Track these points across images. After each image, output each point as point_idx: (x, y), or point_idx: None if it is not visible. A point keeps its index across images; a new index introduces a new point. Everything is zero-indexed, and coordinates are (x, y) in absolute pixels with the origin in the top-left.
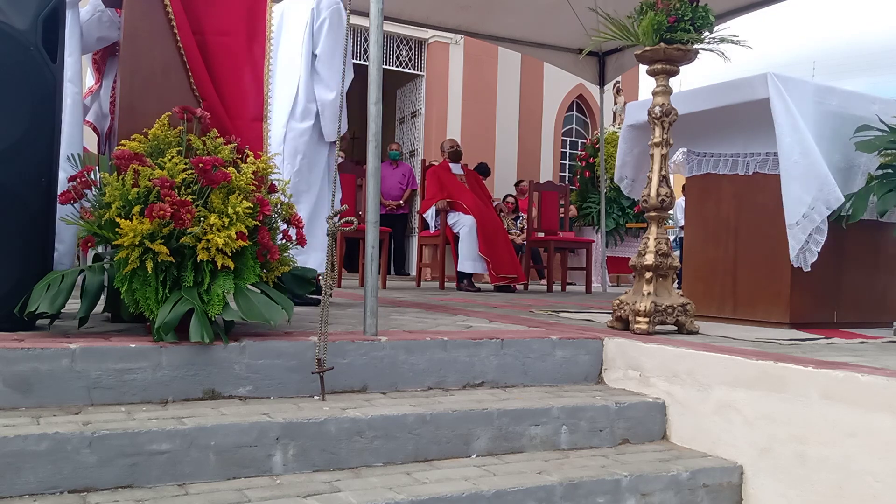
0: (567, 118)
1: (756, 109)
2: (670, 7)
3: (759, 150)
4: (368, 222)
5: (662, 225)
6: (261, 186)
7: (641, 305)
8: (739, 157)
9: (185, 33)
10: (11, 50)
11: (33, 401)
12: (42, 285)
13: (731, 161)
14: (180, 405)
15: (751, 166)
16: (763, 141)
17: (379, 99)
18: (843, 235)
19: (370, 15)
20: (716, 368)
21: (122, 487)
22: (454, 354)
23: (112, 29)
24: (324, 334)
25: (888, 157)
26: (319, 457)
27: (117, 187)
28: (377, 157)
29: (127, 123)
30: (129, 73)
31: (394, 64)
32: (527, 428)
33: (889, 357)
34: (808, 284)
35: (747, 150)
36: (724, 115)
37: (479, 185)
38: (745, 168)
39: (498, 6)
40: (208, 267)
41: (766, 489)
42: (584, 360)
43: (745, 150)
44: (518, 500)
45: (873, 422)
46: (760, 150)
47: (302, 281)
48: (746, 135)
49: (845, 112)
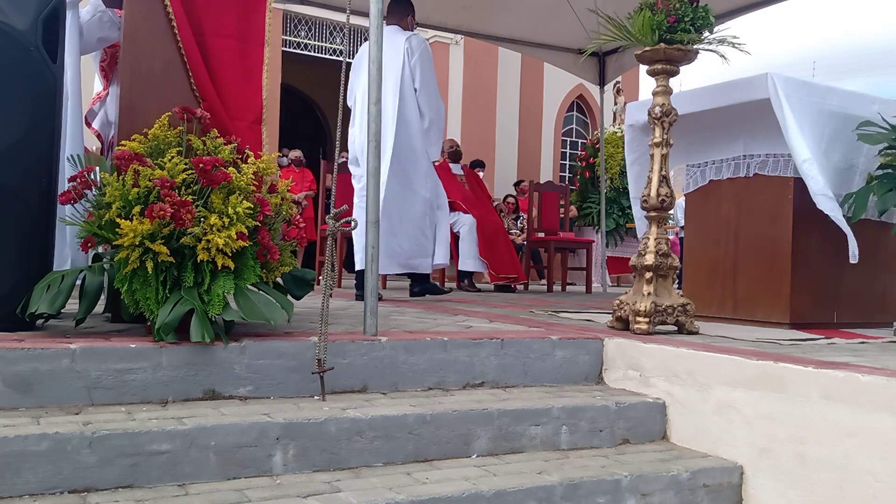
0: (567, 118)
1: (757, 110)
2: (670, 7)
3: (760, 151)
4: (369, 222)
5: (662, 225)
6: (261, 186)
7: (641, 305)
8: (740, 161)
9: (185, 34)
10: (11, 50)
11: (33, 401)
12: (42, 285)
13: (732, 165)
14: (180, 405)
15: (751, 168)
16: (763, 142)
17: (379, 99)
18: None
19: (370, 15)
20: (716, 368)
21: (122, 487)
22: (454, 354)
23: (113, 29)
24: (324, 334)
25: (888, 157)
26: (319, 457)
27: (117, 187)
28: (377, 157)
29: (127, 123)
30: (129, 73)
31: None
32: (527, 428)
33: (889, 357)
34: (808, 284)
35: (748, 151)
36: (725, 116)
37: (479, 186)
38: (745, 170)
39: (498, 6)
40: (208, 267)
41: (766, 489)
42: (585, 360)
43: (746, 152)
44: (518, 501)
45: (873, 422)
46: (760, 152)
47: (301, 281)
48: (746, 137)
49: (845, 112)
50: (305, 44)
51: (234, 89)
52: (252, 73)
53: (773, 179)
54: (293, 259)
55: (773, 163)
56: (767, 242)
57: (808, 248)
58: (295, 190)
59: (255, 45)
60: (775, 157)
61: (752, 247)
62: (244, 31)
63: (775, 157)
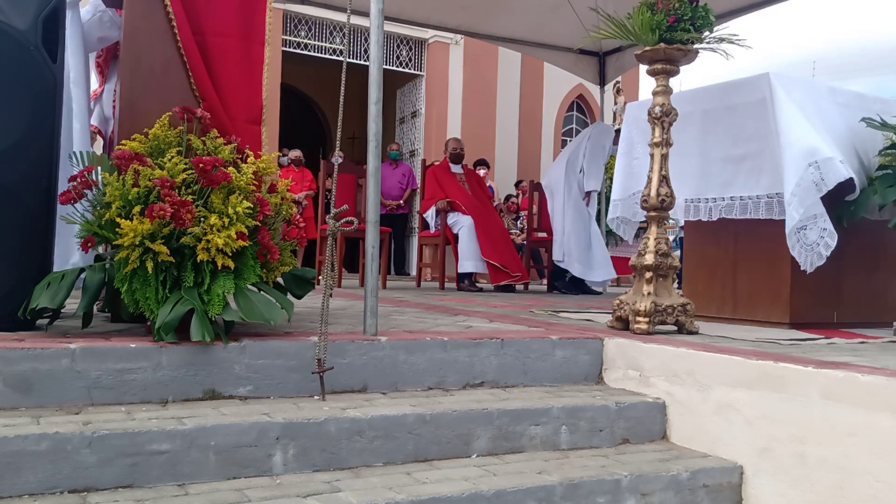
0: (567, 118)
1: (757, 110)
2: (670, 7)
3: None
4: (368, 222)
5: (662, 225)
6: (260, 186)
7: (641, 305)
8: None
9: (185, 33)
10: (11, 50)
11: (33, 401)
12: (43, 284)
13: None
14: (180, 405)
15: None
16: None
17: (379, 99)
18: (843, 235)
19: (370, 15)
20: (716, 368)
21: (122, 487)
22: (454, 354)
23: (113, 29)
24: (324, 334)
25: (888, 157)
26: (319, 457)
27: (117, 187)
28: (377, 157)
29: (127, 123)
30: (129, 73)
31: (394, 64)
32: (527, 428)
33: (889, 357)
34: (808, 284)
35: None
36: (725, 116)
37: (479, 186)
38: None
39: (498, 6)
40: (208, 267)
41: (766, 489)
42: (584, 360)
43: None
44: (518, 500)
45: (873, 422)
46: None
47: (301, 281)
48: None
49: (846, 112)
50: (305, 44)
51: (234, 89)
52: (252, 72)
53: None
54: (293, 259)
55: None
56: (767, 242)
57: None
58: (295, 190)
59: (256, 45)
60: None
61: (752, 247)
62: (244, 31)
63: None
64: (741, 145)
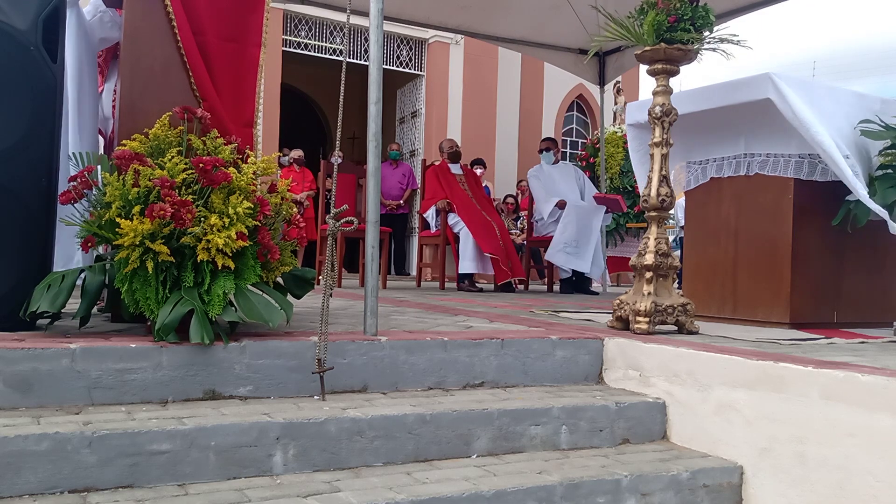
0: (567, 118)
1: (757, 110)
2: (670, 7)
3: (761, 150)
4: (368, 222)
5: (663, 225)
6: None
7: (641, 305)
8: (741, 159)
9: (185, 33)
10: (11, 50)
11: (33, 401)
12: (43, 286)
13: (733, 163)
14: (180, 405)
15: (752, 167)
16: (764, 142)
17: (379, 99)
18: (843, 236)
19: (370, 15)
20: (716, 368)
21: (122, 487)
22: (454, 354)
23: (114, 29)
24: (324, 334)
25: (888, 157)
26: (319, 457)
27: (118, 187)
28: (377, 157)
29: (127, 123)
30: (129, 73)
31: (394, 64)
32: (527, 428)
33: (889, 357)
34: (808, 284)
35: (749, 150)
36: (725, 116)
37: (478, 186)
38: (746, 169)
39: (498, 6)
40: (208, 267)
41: (766, 489)
42: (585, 360)
43: (747, 151)
44: (518, 500)
45: (873, 422)
46: (762, 151)
47: (301, 281)
48: (748, 135)
49: (846, 112)
50: (305, 44)
51: (231, 91)
52: (248, 74)
53: (774, 179)
54: (293, 259)
55: (774, 162)
56: (767, 242)
57: (808, 248)
58: (296, 190)
59: (252, 47)
60: (776, 157)
61: (753, 246)
62: (242, 32)
63: (776, 157)
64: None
